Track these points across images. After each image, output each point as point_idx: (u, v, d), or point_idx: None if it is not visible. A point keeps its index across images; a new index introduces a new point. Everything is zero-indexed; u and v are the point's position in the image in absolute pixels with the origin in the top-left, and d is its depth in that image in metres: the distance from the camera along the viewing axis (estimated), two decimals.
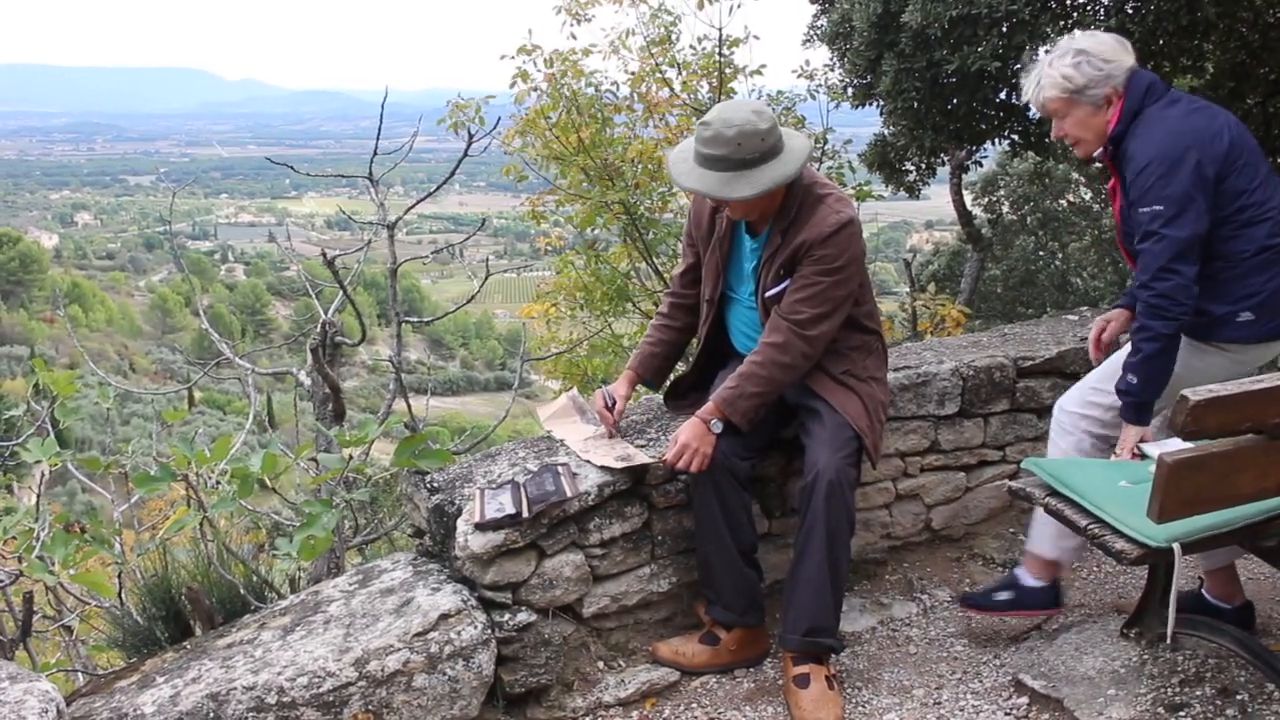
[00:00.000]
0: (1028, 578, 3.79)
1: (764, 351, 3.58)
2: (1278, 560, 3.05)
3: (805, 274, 3.56)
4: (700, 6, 9.39)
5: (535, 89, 9.84)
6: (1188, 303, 3.27)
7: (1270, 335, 3.49)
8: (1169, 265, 3.25)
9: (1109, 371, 3.63)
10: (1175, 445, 2.86)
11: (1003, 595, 3.81)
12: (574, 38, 9.93)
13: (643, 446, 3.88)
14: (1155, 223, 3.26)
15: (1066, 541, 3.68)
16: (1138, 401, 3.39)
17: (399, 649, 3.14)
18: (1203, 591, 3.67)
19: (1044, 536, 3.74)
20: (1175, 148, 3.27)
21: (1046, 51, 3.57)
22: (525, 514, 3.43)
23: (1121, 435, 3.47)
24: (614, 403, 3.98)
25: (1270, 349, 3.57)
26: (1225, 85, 7.30)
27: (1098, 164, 3.83)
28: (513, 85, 9.82)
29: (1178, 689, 3.34)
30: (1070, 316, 5.52)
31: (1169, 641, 3.09)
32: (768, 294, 3.66)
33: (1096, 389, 3.64)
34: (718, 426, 3.58)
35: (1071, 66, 3.39)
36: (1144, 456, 3.31)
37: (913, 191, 10.04)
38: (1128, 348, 3.55)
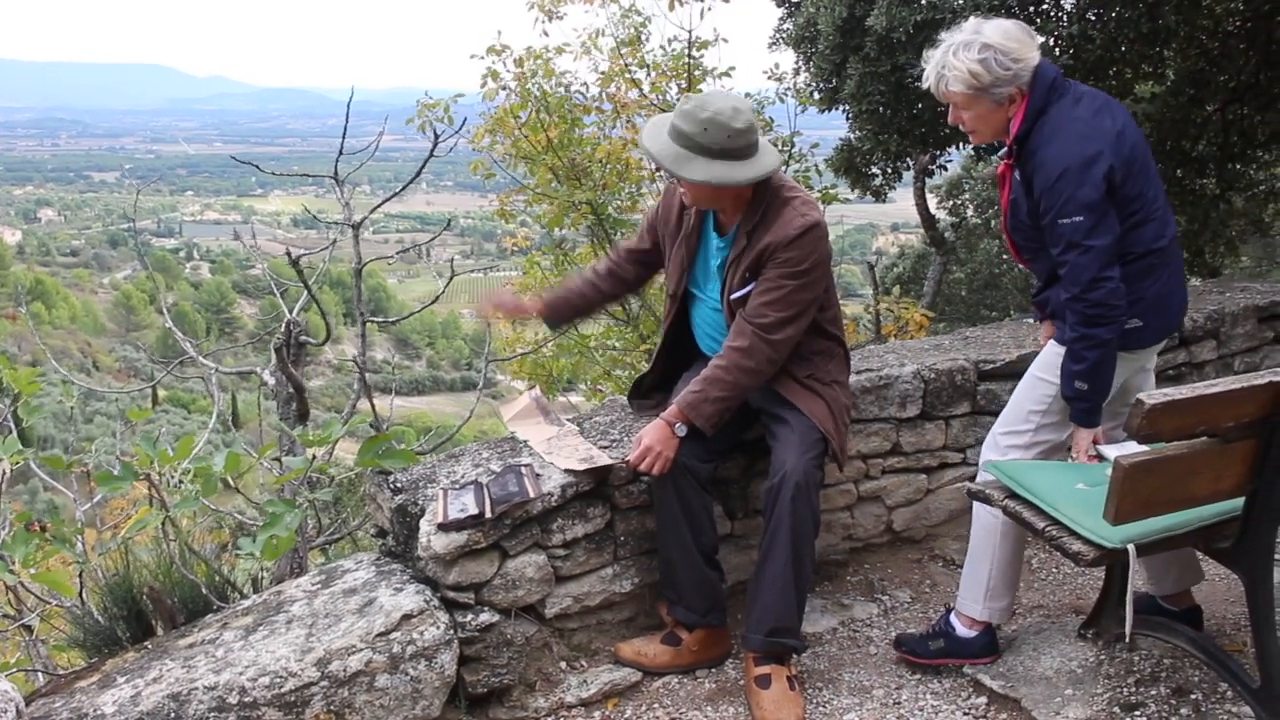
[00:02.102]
0: (960, 627, 3.72)
1: (728, 355, 3.59)
2: (1232, 562, 3.09)
3: (770, 277, 3.56)
4: (671, 8, 9.43)
5: (504, 88, 9.84)
6: (1122, 303, 3.28)
7: (1158, 338, 3.55)
8: (1099, 275, 3.24)
9: (1012, 415, 3.66)
10: (1132, 448, 2.90)
11: (936, 644, 3.74)
12: (546, 34, 9.95)
13: (606, 448, 3.89)
14: (1078, 234, 3.23)
15: (996, 602, 3.66)
16: (1090, 406, 3.41)
17: (361, 649, 3.14)
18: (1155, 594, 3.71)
19: (973, 597, 3.69)
20: (1087, 153, 3.22)
21: (948, 31, 3.47)
22: (488, 514, 3.43)
23: (1075, 439, 3.49)
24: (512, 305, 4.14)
25: (1157, 349, 3.63)
26: (1185, 92, 7.39)
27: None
28: (483, 84, 9.82)
29: (1134, 689, 3.39)
30: (1030, 320, 5.57)
31: (1126, 642, 3.12)
32: (733, 296, 3.67)
33: (1008, 432, 3.64)
34: (681, 430, 3.59)
35: (978, 63, 3.29)
36: (1101, 459, 3.35)
37: (879, 195, 10.10)
38: (1030, 375, 3.61)
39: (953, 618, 3.74)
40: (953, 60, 3.34)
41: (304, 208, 7.09)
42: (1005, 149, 3.48)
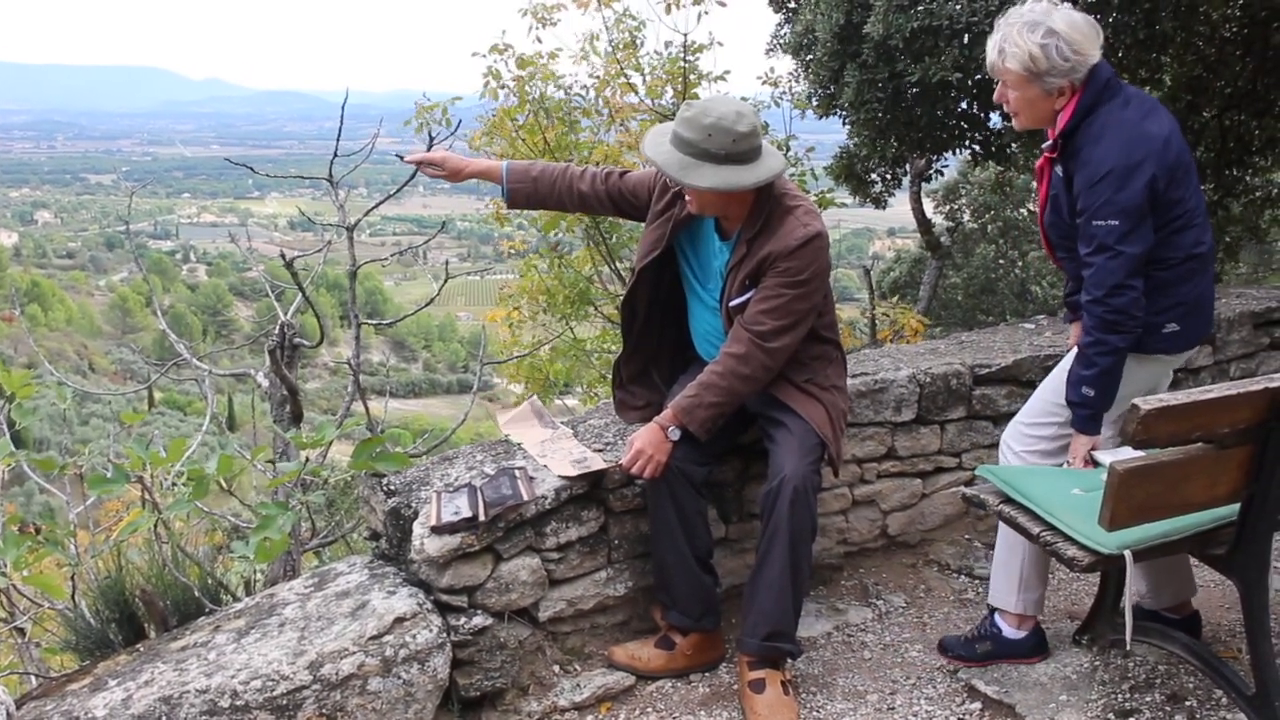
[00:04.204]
0: (1007, 628, 3.70)
1: (725, 362, 3.58)
2: (1227, 568, 3.08)
3: (769, 285, 3.55)
4: (668, 11, 9.42)
5: (503, 86, 9.84)
6: (1140, 315, 3.27)
7: (1192, 343, 3.53)
8: (1125, 281, 3.23)
9: (1039, 407, 3.65)
10: (1127, 454, 2.89)
11: (983, 647, 3.71)
12: (539, 41, 9.95)
13: (600, 451, 3.88)
14: (1110, 237, 3.22)
15: (1030, 594, 3.64)
16: (1092, 413, 3.40)
17: (354, 652, 3.14)
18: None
19: (1007, 590, 3.68)
20: (1132, 158, 3.20)
21: (1019, 3, 3.44)
22: (482, 517, 3.43)
23: (1073, 444, 3.48)
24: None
25: (1189, 353, 3.62)
26: (1182, 98, 7.38)
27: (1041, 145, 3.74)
28: (485, 85, 9.81)
29: (1128, 695, 3.39)
30: (1027, 325, 5.58)
31: (1127, 648, 3.11)
32: (732, 303, 3.66)
33: (1034, 424, 3.64)
34: (675, 434, 3.59)
35: (1039, 46, 3.26)
36: (1096, 464, 3.35)
37: (879, 202, 10.10)
38: (1061, 370, 3.59)
39: (997, 618, 3.72)
40: (1015, 37, 3.31)
41: (300, 210, 7.08)
42: (1050, 142, 3.44)
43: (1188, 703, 3.32)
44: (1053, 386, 3.61)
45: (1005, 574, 3.67)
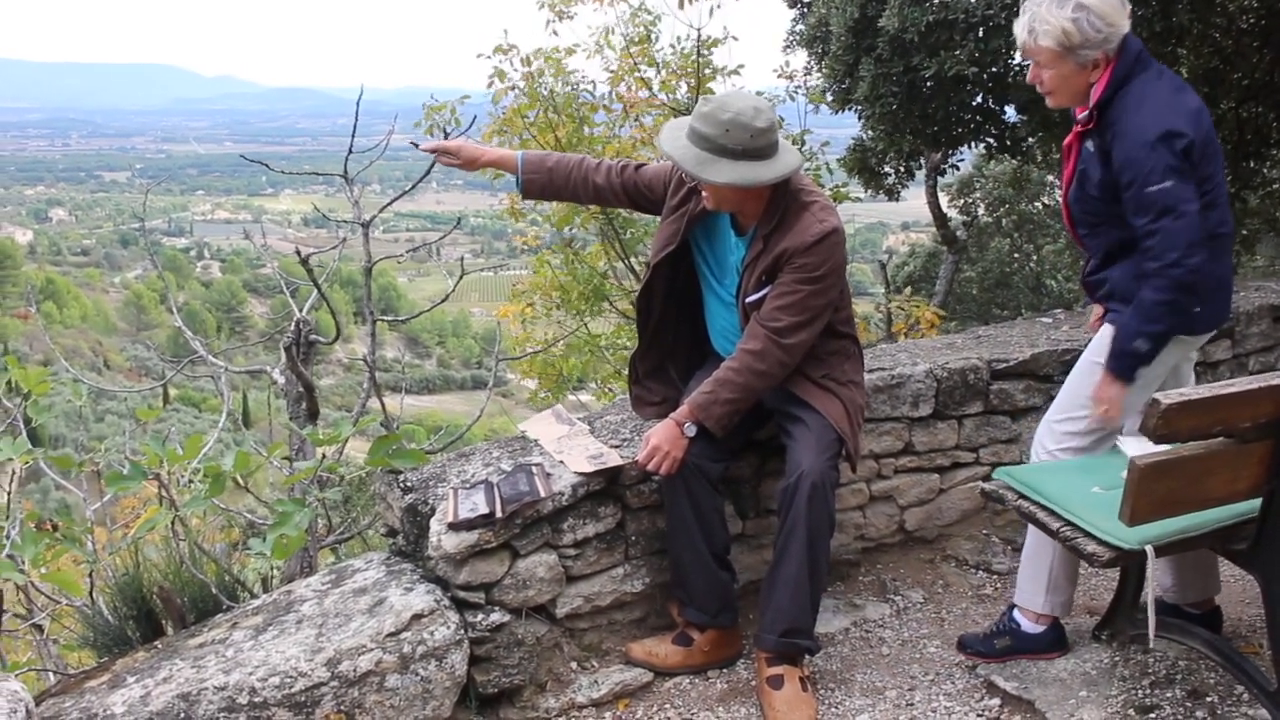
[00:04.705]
0: (1026, 623, 3.67)
1: (741, 358, 3.57)
2: (1249, 563, 3.07)
3: (785, 281, 3.54)
4: (681, 6, 9.41)
5: (513, 87, 9.84)
6: (1209, 277, 3.24)
7: (1215, 324, 3.51)
8: (1196, 240, 3.17)
9: (1068, 402, 3.61)
10: (1149, 447, 2.87)
11: (1003, 643, 3.68)
12: (556, 34, 9.95)
13: (617, 447, 3.88)
14: (1170, 199, 3.15)
15: (1058, 596, 3.61)
16: (1137, 365, 3.34)
17: (371, 649, 3.14)
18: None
19: (1034, 591, 3.64)
20: (1174, 125, 3.17)
21: None
22: (499, 514, 3.42)
23: (1101, 388, 3.42)
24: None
25: (1207, 336, 3.60)
26: (1199, 90, 7.33)
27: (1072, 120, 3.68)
28: (490, 85, 9.82)
29: (1148, 691, 3.37)
30: (1044, 319, 5.55)
31: (1150, 644, 3.09)
32: (748, 299, 3.65)
33: (1065, 419, 3.60)
34: (691, 430, 3.58)
35: (1071, 21, 3.23)
36: (1120, 454, 3.32)
37: (892, 195, 10.07)
38: (1085, 362, 3.57)
39: (1016, 614, 3.68)
40: (1045, 14, 3.28)
41: (314, 207, 7.10)
42: (1085, 114, 3.39)
43: (1209, 699, 3.30)
44: (1080, 379, 3.58)
45: (1033, 575, 3.63)
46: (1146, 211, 3.22)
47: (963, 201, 17.53)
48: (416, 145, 4.08)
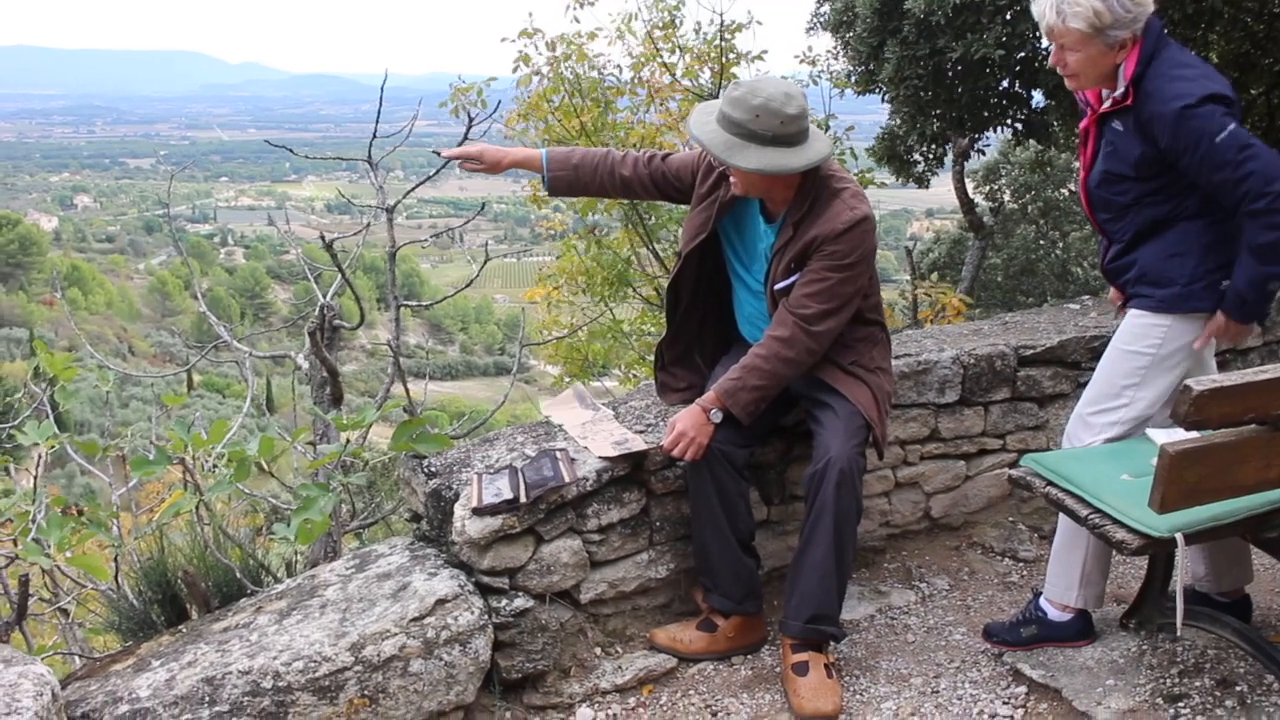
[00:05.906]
0: (1053, 611, 3.64)
1: (769, 345, 3.56)
2: (1279, 552, 3.03)
3: (815, 269, 3.52)
4: None
5: (537, 72, 9.82)
6: None
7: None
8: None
9: (1102, 391, 3.56)
10: (1180, 434, 2.84)
11: (1029, 631, 3.65)
12: (577, 20, 9.92)
13: (641, 432, 3.87)
14: (1240, 139, 3.10)
15: (1091, 589, 3.58)
16: (1257, 306, 3.31)
17: (395, 634, 3.14)
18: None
19: (1066, 584, 3.60)
20: (1211, 88, 3.14)
21: None
22: (523, 499, 3.42)
23: (1224, 325, 3.37)
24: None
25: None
26: (1230, 75, 7.26)
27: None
28: (515, 70, 9.81)
29: (1177, 679, 3.34)
30: (1071, 305, 5.51)
31: (1178, 632, 3.06)
32: (777, 287, 3.63)
33: (1101, 410, 3.55)
34: (717, 416, 3.56)
35: (1101, 1, 3.19)
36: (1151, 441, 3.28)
37: (921, 182, 10.00)
38: (1115, 350, 3.54)
39: (1043, 602, 3.66)
40: None
41: (338, 192, 7.08)
42: (1120, 91, 3.32)
43: (1238, 688, 3.27)
44: (1111, 369, 3.54)
45: (1064, 567, 3.59)
46: (1223, 163, 3.14)
47: (989, 188, 17.47)
48: (439, 153, 4.08)
